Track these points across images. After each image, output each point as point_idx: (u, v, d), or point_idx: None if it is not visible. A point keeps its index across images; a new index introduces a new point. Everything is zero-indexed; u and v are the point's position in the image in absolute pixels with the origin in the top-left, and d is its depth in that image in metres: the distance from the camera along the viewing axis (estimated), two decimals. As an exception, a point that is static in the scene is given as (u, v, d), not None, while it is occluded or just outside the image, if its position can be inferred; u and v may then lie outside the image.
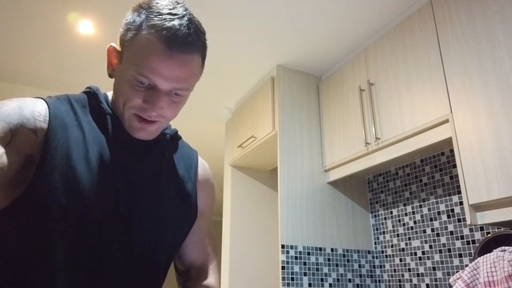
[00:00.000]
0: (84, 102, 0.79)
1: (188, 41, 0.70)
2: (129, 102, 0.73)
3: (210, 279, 0.88)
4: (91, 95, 0.80)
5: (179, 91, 0.73)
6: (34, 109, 0.70)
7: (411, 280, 2.16)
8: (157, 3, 0.73)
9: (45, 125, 0.70)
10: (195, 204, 0.89)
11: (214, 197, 0.97)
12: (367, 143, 2.10)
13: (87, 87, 0.82)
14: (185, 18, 0.71)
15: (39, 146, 0.69)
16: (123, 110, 0.75)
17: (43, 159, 0.68)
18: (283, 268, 2.13)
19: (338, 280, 2.25)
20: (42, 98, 0.74)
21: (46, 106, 0.72)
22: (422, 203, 2.17)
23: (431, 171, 2.14)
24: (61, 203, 0.67)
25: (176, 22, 0.70)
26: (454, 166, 2.02)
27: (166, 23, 0.69)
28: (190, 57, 0.71)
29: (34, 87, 2.90)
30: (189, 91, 0.76)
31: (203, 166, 0.95)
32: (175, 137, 0.91)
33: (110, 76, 0.78)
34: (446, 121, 1.70)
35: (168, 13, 0.71)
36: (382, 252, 2.38)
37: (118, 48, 0.75)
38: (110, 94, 0.83)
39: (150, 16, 0.71)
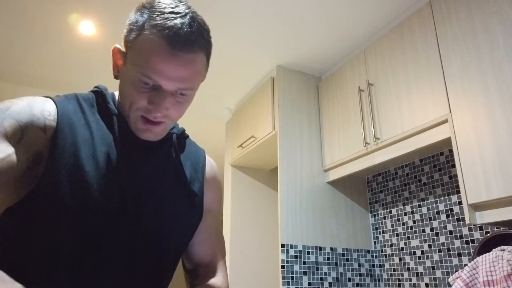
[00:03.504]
0: (92, 101, 0.79)
1: (190, 39, 0.69)
2: (135, 103, 0.72)
3: (218, 277, 0.87)
4: (99, 94, 0.80)
5: (183, 91, 0.73)
6: (44, 108, 0.71)
7: (410, 279, 2.17)
8: (159, 2, 0.72)
9: (54, 124, 0.70)
10: (201, 203, 0.88)
11: (221, 195, 0.97)
12: (366, 143, 2.11)
13: (95, 86, 0.82)
14: (188, 17, 0.70)
15: (48, 143, 0.69)
16: (129, 112, 0.74)
17: (51, 157, 0.68)
18: (283, 267, 2.14)
19: (337, 279, 2.26)
20: (51, 97, 0.75)
21: (55, 105, 0.73)
22: (421, 203, 2.18)
23: (430, 171, 2.15)
24: (67, 202, 0.68)
25: (178, 21, 0.69)
26: (453, 166, 2.03)
27: (168, 22, 0.68)
28: (193, 56, 0.71)
29: (36, 88, 2.91)
30: (194, 91, 0.75)
31: (210, 165, 0.95)
32: (182, 136, 0.90)
33: (116, 77, 0.77)
34: (445, 121, 1.71)
35: (170, 12, 0.70)
36: (382, 251, 2.38)
37: (123, 49, 0.75)
38: (117, 94, 0.82)
39: (153, 15, 0.70)
